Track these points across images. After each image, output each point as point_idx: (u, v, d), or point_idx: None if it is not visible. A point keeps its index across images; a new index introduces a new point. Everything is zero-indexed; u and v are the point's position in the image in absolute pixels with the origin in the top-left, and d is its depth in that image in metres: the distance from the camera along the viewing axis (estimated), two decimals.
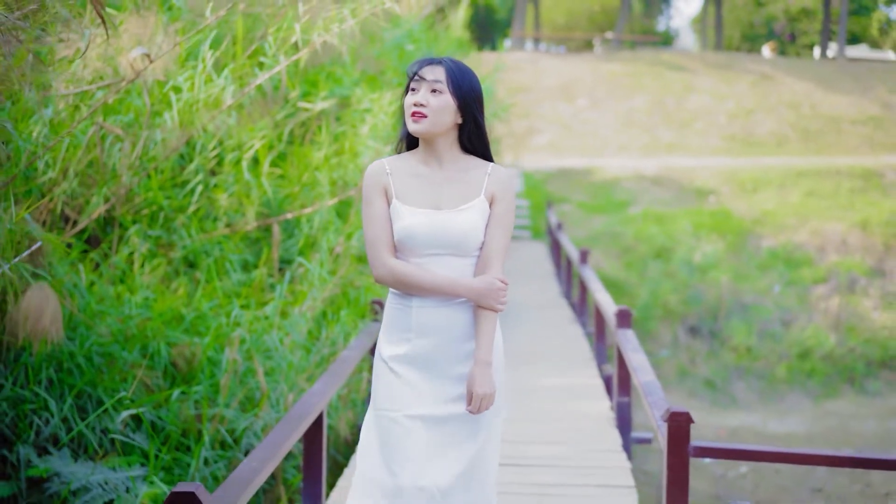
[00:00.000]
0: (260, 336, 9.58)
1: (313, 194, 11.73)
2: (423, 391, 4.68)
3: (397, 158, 4.82)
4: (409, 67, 4.74)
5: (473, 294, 4.62)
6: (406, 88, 4.72)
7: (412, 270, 4.66)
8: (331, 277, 10.93)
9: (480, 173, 4.76)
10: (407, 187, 4.74)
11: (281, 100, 11.95)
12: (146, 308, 9.42)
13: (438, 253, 4.68)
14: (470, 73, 4.75)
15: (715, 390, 22.86)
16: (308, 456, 6.92)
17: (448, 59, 4.74)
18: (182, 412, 8.61)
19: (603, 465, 8.61)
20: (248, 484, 5.01)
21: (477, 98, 4.73)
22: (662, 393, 6.90)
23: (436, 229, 4.65)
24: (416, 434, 4.63)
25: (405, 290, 4.72)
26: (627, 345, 8.79)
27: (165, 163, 10.53)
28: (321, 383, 7.00)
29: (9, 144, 7.62)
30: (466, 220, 4.67)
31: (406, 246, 4.69)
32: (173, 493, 4.27)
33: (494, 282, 4.61)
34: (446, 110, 4.65)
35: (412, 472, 4.59)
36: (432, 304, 4.69)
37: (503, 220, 4.75)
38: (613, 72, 45.18)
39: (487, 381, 4.57)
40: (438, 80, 4.63)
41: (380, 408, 4.74)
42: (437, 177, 4.75)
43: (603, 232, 27.63)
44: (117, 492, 7.56)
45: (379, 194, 4.73)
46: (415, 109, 4.62)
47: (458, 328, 4.71)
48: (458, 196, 4.73)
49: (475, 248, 4.71)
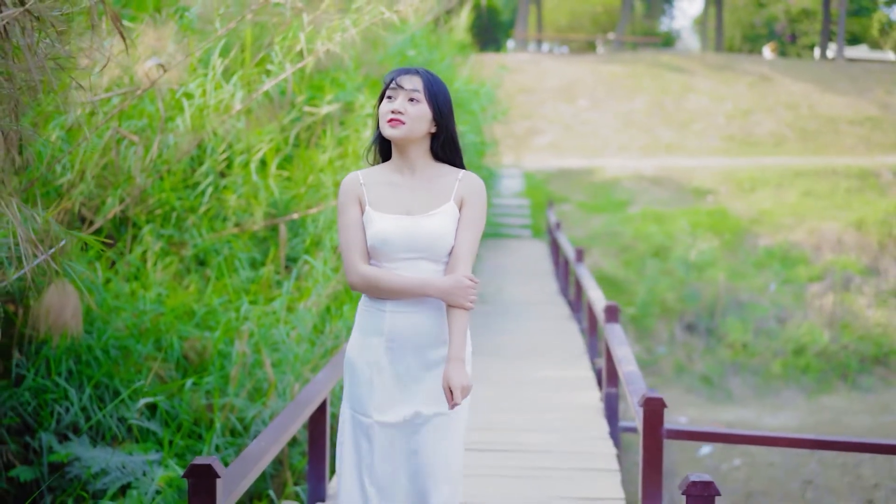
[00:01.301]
0: (268, 330, 9.90)
1: (318, 195, 12.00)
2: (393, 396, 4.81)
3: (371, 170, 4.96)
4: (387, 76, 4.85)
5: (442, 293, 4.72)
6: (381, 96, 4.83)
7: (382, 274, 4.77)
8: (334, 275, 11.20)
9: (451, 179, 4.88)
10: (380, 195, 4.86)
11: (287, 105, 12.29)
12: (159, 304, 9.78)
13: (411, 257, 4.78)
14: (444, 85, 4.88)
15: (711, 386, 23.09)
16: (313, 439, 7.41)
17: (424, 70, 4.85)
18: (194, 402, 8.96)
19: (590, 450, 9.08)
20: (258, 460, 5.50)
21: (450, 109, 4.86)
22: (643, 382, 7.38)
23: (407, 233, 4.76)
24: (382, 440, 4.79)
25: (377, 295, 4.82)
26: (614, 339, 9.25)
27: (177, 165, 10.87)
28: (325, 372, 7.43)
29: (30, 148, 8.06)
30: (437, 224, 4.77)
31: (379, 251, 4.79)
32: (192, 466, 4.73)
33: (462, 280, 4.70)
34: (422, 119, 4.77)
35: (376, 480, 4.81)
36: (405, 310, 4.79)
37: (472, 223, 4.84)
38: (614, 73, 45.07)
39: (463, 375, 4.64)
40: (416, 90, 4.75)
41: (353, 409, 4.90)
42: (409, 184, 4.87)
43: (602, 231, 27.75)
44: (135, 475, 7.94)
45: (353, 203, 4.86)
46: (392, 116, 4.73)
47: (427, 334, 4.81)
48: (429, 201, 4.84)
49: (446, 253, 4.83)
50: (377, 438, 4.80)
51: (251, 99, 10.91)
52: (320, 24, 10.49)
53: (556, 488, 7.99)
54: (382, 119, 4.78)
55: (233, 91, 10.90)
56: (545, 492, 7.88)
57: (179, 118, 10.53)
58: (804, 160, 34.25)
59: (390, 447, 4.80)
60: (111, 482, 7.88)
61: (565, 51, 66.78)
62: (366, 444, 4.83)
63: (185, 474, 4.76)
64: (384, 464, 4.80)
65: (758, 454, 19.36)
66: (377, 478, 4.82)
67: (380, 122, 4.82)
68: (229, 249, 11.18)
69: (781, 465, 18.82)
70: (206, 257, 11.15)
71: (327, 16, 10.47)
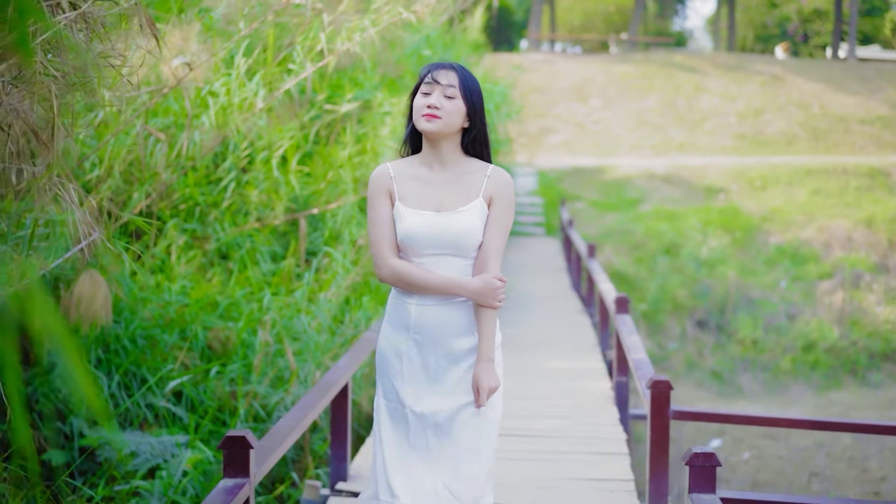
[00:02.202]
0: (289, 320, 10.19)
1: (337, 191, 12.28)
2: (423, 387, 4.85)
3: (401, 162, 4.98)
4: (422, 70, 4.88)
5: (472, 294, 4.76)
6: (415, 89, 4.88)
7: (414, 270, 4.79)
8: (353, 267, 11.51)
9: (480, 176, 4.89)
10: (409, 190, 4.88)
11: (307, 103, 12.59)
12: (184, 295, 10.06)
13: (439, 253, 4.81)
14: (477, 81, 4.91)
15: (722, 381, 23.29)
16: (335, 421, 7.77)
17: (459, 66, 4.88)
18: (219, 389, 9.25)
19: (601, 436, 9.43)
20: (286, 436, 5.86)
21: (482, 104, 4.90)
22: (651, 368, 7.72)
23: (436, 230, 4.79)
24: (416, 430, 4.84)
25: (407, 289, 4.86)
26: (624, 328, 9.58)
27: (201, 162, 11.11)
28: (346, 359, 7.80)
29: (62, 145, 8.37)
30: (465, 221, 4.80)
31: (408, 246, 4.82)
32: (227, 437, 5.07)
33: (492, 281, 4.73)
34: (457, 114, 4.80)
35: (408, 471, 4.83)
36: (431, 303, 4.83)
37: (501, 221, 4.86)
38: (626, 73, 45.12)
39: (492, 376, 4.74)
40: (452, 85, 4.78)
41: (388, 399, 4.95)
42: (438, 179, 4.89)
43: (614, 228, 27.90)
44: (163, 457, 8.29)
45: (383, 197, 4.88)
46: (428, 111, 4.76)
47: (455, 326, 4.84)
48: (458, 198, 4.86)
49: (474, 249, 4.85)
50: (413, 426, 4.84)
51: (273, 97, 11.16)
52: (340, 24, 10.77)
53: (568, 470, 8.32)
54: (417, 113, 4.82)
55: (255, 90, 11.15)
56: (557, 473, 8.22)
57: (204, 116, 10.77)
58: (815, 159, 34.30)
59: (423, 435, 4.83)
60: (141, 464, 8.14)
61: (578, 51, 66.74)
62: (402, 432, 4.88)
63: (220, 445, 5.09)
64: (418, 452, 4.84)
65: (766, 448, 19.58)
66: (412, 465, 4.84)
67: (413, 115, 4.86)
68: (251, 243, 11.42)
69: (789, 459, 19.05)
70: (228, 251, 11.40)
71: (346, 16, 10.77)
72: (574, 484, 7.98)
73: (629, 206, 29.96)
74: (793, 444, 19.80)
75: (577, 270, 20.16)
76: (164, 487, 7.84)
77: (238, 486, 4.94)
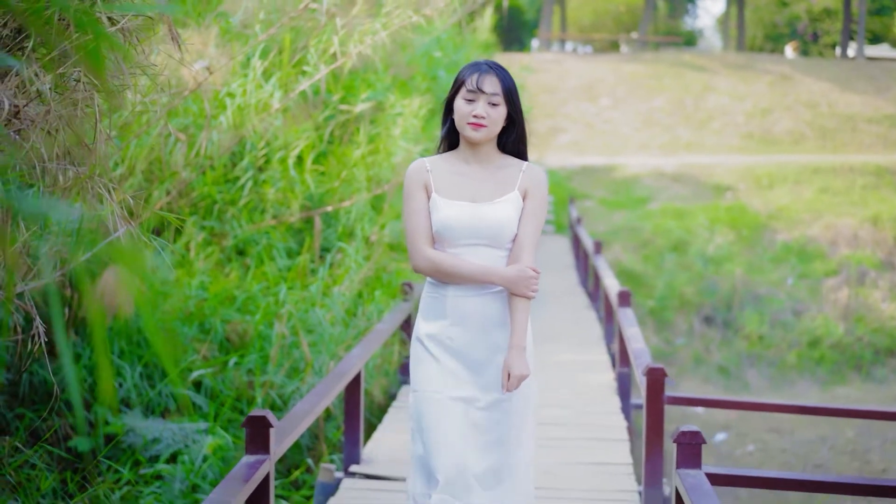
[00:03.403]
0: (304, 312, 10.53)
1: (351, 189, 12.61)
2: (461, 376, 4.90)
3: (437, 158, 5.06)
4: (466, 74, 4.92)
5: (506, 282, 4.82)
6: (455, 89, 4.94)
7: (449, 259, 4.86)
8: (366, 262, 11.87)
9: (515, 170, 4.98)
10: (446, 182, 4.96)
11: (321, 104, 12.93)
12: (203, 290, 10.44)
13: (474, 243, 4.88)
14: (513, 80, 4.98)
15: (728, 376, 23.63)
16: (348, 406, 8.19)
17: (500, 69, 4.93)
18: (237, 379, 9.60)
19: (603, 423, 9.83)
20: (302, 418, 6.26)
21: (520, 103, 4.99)
22: (648, 357, 8.11)
23: (472, 220, 4.86)
24: (456, 416, 4.86)
25: (442, 279, 4.92)
26: (625, 320, 9.97)
27: (219, 161, 11.46)
28: (359, 349, 8.19)
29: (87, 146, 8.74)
30: (501, 212, 4.88)
31: (444, 236, 4.89)
32: (250, 417, 5.45)
33: (526, 270, 4.82)
34: (501, 120, 4.89)
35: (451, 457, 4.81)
36: (467, 294, 4.90)
37: (535, 213, 4.95)
38: (635, 72, 45.33)
39: (523, 364, 4.77)
40: (496, 93, 4.84)
41: (423, 389, 4.96)
42: (475, 173, 4.97)
43: (623, 226, 28.22)
44: (185, 442, 8.69)
45: (419, 189, 4.95)
46: (475, 121, 4.83)
47: (491, 317, 4.91)
48: (494, 190, 4.94)
49: (508, 240, 4.92)
50: (451, 412, 4.88)
51: (288, 98, 11.49)
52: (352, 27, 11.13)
53: (572, 455, 8.73)
54: (462, 120, 4.87)
55: (271, 91, 11.53)
56: (561, 458, 8.61)
57: (222, 116, 11.11)
58: (822, 158, 34.50)
59: (464, 420, 4.88)
60: (163, 449, 8.52)
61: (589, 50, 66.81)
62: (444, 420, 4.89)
63: (243, 424, 5.48)
64: (459, 439, 4.86)
65: (771, 441, 19.91)
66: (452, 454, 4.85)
67: (457, 120, 4.91)
68: (267, 240, 11.75)
69: (793, 451, 19.38)
70: (245, 247, 11.73)
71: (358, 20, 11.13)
72: (575, 467, 8.38)
73: (637, 205, 30.25)
74: (797, 437, 20.13)
75: (585, 267, 20.46)
76: (185, 471, 8.19)
77: (259, 461, 5.32)
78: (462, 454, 4.84)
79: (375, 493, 7.68)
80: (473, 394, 4.91)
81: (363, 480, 7.96)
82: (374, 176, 12.98)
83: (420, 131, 13.76)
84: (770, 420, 20.94)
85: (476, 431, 4.90)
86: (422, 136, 13.85)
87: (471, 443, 4.88)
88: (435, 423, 4.89)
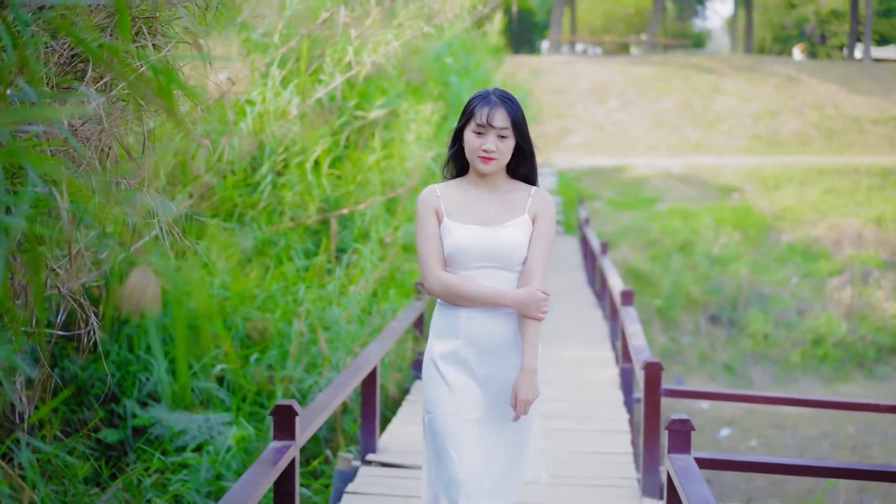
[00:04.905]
0: (322, 310, 10.91)
1: (366, 192, 12.93)
2: (473, 395, 4.96)
3: (447, 184, 5.11)
4: (474, 107, 4.95)
5: (517, 304, 4.85)
6: (465, 120, 4.97)
7: (460, 281, 4.89)
8: (380, 263, 12.26)
9: (524, 194, 5.03)
10: (457, 207, 4.99)
11: (337, 110, 13.28)
12: (224, 289, 10.81)
13: (485, 266, 4.91)
14: (521, 109, 5.01)
15: (733, 374, 24.04)
16: (365, 400, 8.68)
17: (508, 102, 4.96)
18: (257, 374, 10.01)
19: (605, 416, 10.33)
20: (324, 408, 6.73)
21: (528, 132, 5.02)
22: (648, 352, 8.55)
23: (483, 243, 4.89)
24: (471, 435, 4.92)
25: (454, 301, 4.95)
26: (627, 318, 10.45)
27: (239, 165, 11.78)
28: (374, 345, 8.65)
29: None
30: (512, 235, 4.91)
31: (456, 259, 4.92)
32: (277, 406, 5.90)
33: (536, 293, 4.84)
34: (510, 151, 4.94)
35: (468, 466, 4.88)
36: (479, 314, 4.93)
37: (544, 237, 4.97)
38: (644, 74, 45.66)
39: (533, 388, 4.86)
40: (505, 128, 4.88)
41: (437, 411, 5.00)
42: (484, 198, 5.01)
43: (630, 227, 28.59)
44: (210, 434, 9.12)
45: (431, 214, 4.99)
46: (485, 155, 4.88)
47: (503, 337, 4.95)
48: (504, 214, 4.97)
49: (519, 262, 4.95)
50: (465, 433, 4.93)
51: (305, 105, 11.87)
52: (367, 37, 11.53)
53: (575, 445, 9.22)
54: (472, 153, 4.93)
55: (289, 98, 11.85)
56: (565, 447, 9.08)
57: (243, 123, 11.46)
58: (828, 159, 34.79)
59: (478, 439, 4.94)
60: (189, 440, 8.93)
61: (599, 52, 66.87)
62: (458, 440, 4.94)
63: (270, 412, 5.93)
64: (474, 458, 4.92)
65: (773, 436, 20.28)
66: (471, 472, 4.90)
67: (467, 152, 4.97)
68: (285, 241, 12.10)
69: (794, 446, 19.71)
70: (264, 248, 12.03)
71: (372, 30, 11.54)
72: (579, 456, 8.87)
73: (645, 205, 30.58)
74: (799, 433, 20.51)
75: (592, 267, 20.82)
76: (210, 461, 8.61)
77: (286, 446, 5.76)
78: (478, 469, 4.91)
79: (391, 480, 8.12)
80: (484, 413, 4.97)
81: (379, 468, 8.42)
82: (389, 180, 13.32)
83: (432, 137, 14.10)
84: (773, 416, 21.33)
85: (488, 449, 4.95)
86: (434, 141, 14.19)
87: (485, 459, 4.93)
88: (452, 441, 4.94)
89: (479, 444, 4.94)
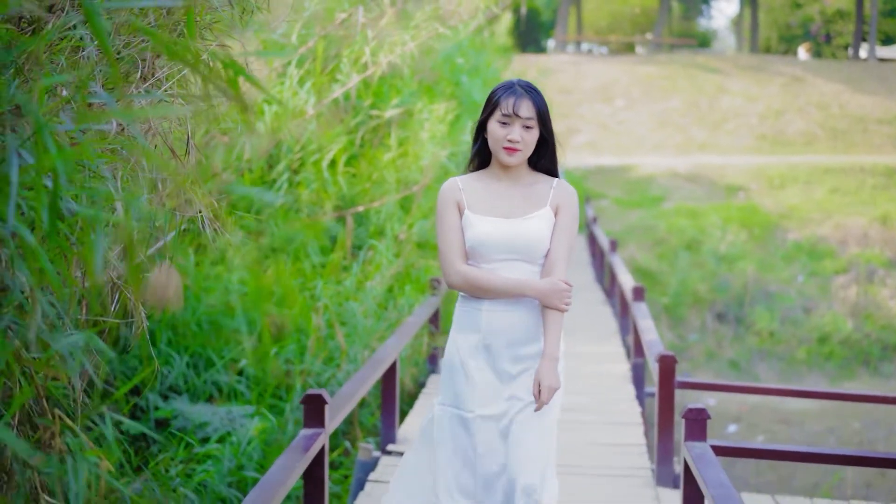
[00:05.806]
0: (339, 306, 11.11)
1: (381, 190, 13.16)
2: (493, 388, 4.91)
3: (469, 177, 5.06)
4: (500, 96, 4.90)
5: (539, 294, 4.81)
6: (489, 111, 4.93)
7: (482, 274, 4.86)
8: (396, 259, 12.44)
9: (546, 187, 4.99)
10: (478, 199, 4.96)
11: (352, 109, 13.49)
12: (243, 285, 10.97)
13: (508, 258, 4.88)
14: (545, 100, 4.97)
15: (739, 371, 24.19)
16: (385, 392, 8.91)
17: (533, 92, 4.92)
18: (276, 368, 10.19)
19: (618, 409, 10.55)
20: (349, 398, 6.95)
21: (551, 123, 4.99)
22: (661, 346, 8.77)
23: (506, 235, 4.85)
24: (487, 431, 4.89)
25: (476, 293, 4.91)
26: (639, 314, 10.66)
27: (257, 163, 12.01)
28: (393, 339, 8.89)
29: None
30: (534, 227, 4.87)
31: (478, 252, 4.88)
32: (307, 395, 6.10)
33: (559, 283, 4.79)
34: (534, 142, 4.89)
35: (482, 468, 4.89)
36: (501, 308, 4.89)
37: (567, 228, 4.94)
38: (650, 74, 45.80)
39: (555, 376, 4.74)
40: (531, 118, 4.83)
41: (453, 406, 5.01)
42: (506, 190, 4.97)
43: (637, 225, 28.76)
44: (232, 426, 9.32)
45: (452, 207, 4.96)
46: (510, 145, 4.84)
47: (525, 331, 4.90)
48: (526, 206, 4.93)
49: (541, 255, 4.91)
50: (480, 432, 4.90)
51: (322, 105, 12.11)
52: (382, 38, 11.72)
53: (589, 436, 9.44)
54: (496, 143, 4.88)
55: (306, 98, 12.10)
56: (580, 439, 9.30)
57: (260, 122, 11.64)
58: (833, 158, 34.91)
59: (493, 438, 4.90)
60: (212, 432, 9.13)
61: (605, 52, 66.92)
62: (468, 440, 4.95)
63: (301, 401, 6.14)
64: (488, 456, 4.91)
65: (780, 432, 20.45)
66: (483, 471, 4.92)
67: (492, 144, 4.92)
68: (302, 238, 12.25)
69: (801, 442, 19.85)
70: (281, 245, 12.20)
71: (388, 31, 11.73)
72: (593, 447, 9.10)
73: (652, 204, 30.74)
74: (806, 429, 20.69)
75: (601, 265, 21.10)
76: (233, 451, 8.83)
77: (316, 434, 5.97)
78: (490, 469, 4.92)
79: None
80: (501, 408, 4.91)
81: (400, 458, 8.56)
82: (403, 178, 13.51)
83: (446, 135, 14.28)
84: (779, 412, 21.47)
85: (502, 445, 4.91)
86: (448, 140, 14.36)
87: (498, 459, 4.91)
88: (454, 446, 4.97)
89: (499, 440, 4.90)
